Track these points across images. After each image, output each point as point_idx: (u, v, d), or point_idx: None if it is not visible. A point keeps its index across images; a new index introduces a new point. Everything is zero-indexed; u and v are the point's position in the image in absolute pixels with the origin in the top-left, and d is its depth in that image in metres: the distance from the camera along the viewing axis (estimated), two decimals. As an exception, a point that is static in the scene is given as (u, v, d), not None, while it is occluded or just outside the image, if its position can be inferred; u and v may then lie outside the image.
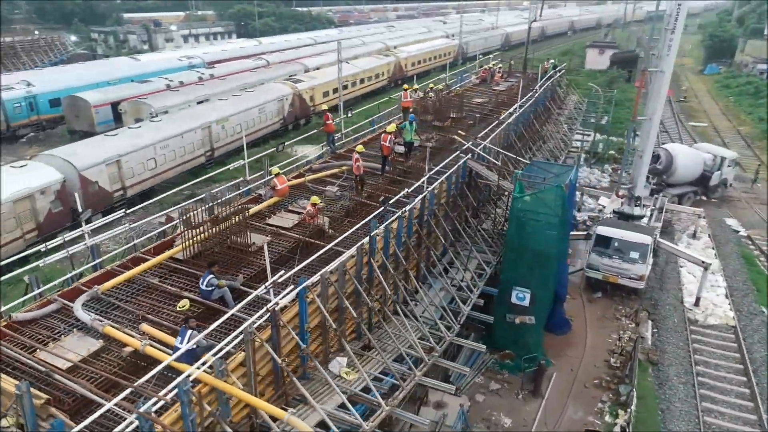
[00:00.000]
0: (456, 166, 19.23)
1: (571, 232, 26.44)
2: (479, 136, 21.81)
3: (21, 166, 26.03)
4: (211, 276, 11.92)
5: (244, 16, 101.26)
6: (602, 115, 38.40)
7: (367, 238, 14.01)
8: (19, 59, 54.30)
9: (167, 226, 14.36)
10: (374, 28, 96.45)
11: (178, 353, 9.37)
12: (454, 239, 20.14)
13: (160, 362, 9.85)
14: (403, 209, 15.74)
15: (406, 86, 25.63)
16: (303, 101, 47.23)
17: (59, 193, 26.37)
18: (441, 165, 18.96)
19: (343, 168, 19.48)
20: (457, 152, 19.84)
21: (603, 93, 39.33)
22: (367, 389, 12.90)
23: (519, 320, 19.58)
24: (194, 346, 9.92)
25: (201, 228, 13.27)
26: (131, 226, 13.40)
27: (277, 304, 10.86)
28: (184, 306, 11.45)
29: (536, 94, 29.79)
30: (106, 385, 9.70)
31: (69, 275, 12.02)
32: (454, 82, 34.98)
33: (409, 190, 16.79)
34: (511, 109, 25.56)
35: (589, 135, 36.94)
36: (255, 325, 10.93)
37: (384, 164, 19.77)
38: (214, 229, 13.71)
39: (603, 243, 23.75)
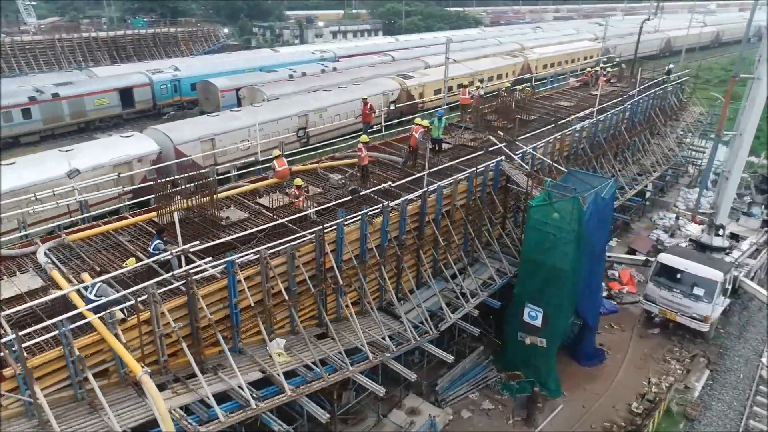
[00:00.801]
0: (475, 168, 18.15)
1: (626, 256, 23.62)
2: (518, 139, 20.24)
3: (127, 136, 29.95)
4: (159, 241, 12.82)
5: (393, 15, 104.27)
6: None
7: (327, 225, 13.95)
8: (178, 47, 62.42)
9: (161, 194, 15.64)
10: (518, 28, 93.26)
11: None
12: (472, 245, 19.06)
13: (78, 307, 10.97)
14: (386, 203, 15.32)
15: (465, 83, 24.64)
16: (411, 97, 47.50)
17: (154, 162, 29.81)
18: (457, 161, 18.01)
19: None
20: (480, 152, 18.67)
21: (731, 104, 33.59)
22: (295, 373, 13.03)
23: (530, 340, 18.03)
24: (100, 298, 10.81)
25: (176, 197, 14.31)
26: (125, 189, 14.88)
27: (188, 272, 11.38)
28: (129, 264, 12.53)
29: (628, 102, 26.66)
30: (32, 318, 11.02)
31: (56, 224, 13.76)
32: (543, 83, 32.63)
33: (393, 185, 16.24)
34: (580, 114, 23.28)
35: (703, 151, 32.04)
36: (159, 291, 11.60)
37: (407, 159, 19.35)
38: (193, 200, 14.68)
39: (665, 273, 20.71)
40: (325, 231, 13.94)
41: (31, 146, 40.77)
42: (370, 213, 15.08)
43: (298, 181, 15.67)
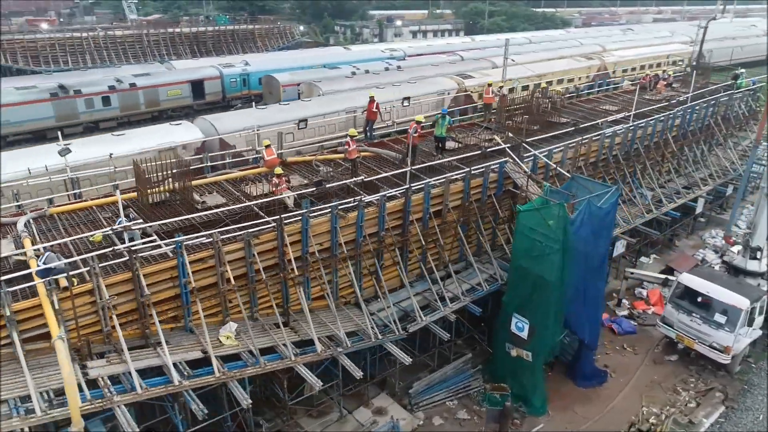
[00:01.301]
0: (469, 169, 17.49)
1: (646, 272, 21.74)
2: (531, 140, 19.23)
3: (176, 125, 31.82)
4: (123, 218, 13.51)
5: (477, 15, 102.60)
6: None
7: (287, 216, 14.06)
8: (254, 43, 65.38)
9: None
10: (607, 30, 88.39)
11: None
12: (465, 249, 18.40)
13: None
14: (359, 197, 15.16)
15: (490, 81, 23.77)
16: (469, 98, 46.53)
17: (198, 150, 31.34)
18: (455, 158, 17.45)
19: (364, 154, 19.33)
20: (477, 152, 17.95)
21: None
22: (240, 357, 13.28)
23: (516, 352, 17.17)
24: (50, 266, 11.59)
25: (157, 180, 15.04)
26: (116, 169, 15.85)
27: (130, 249, 11.91)
28: (96, 239, 13.38)
29: (677, 108, 24.45)
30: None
31: (48, 197, 14.92)
32: (590, 84, 30.70)
33: (368, 179, 15.99)
34: (610, 119, 21.71)
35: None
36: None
37: (405, 155, 18.99)
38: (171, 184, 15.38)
39: (687, 296, 18.88)
40: (287, 222, 14.07)
41: (108, 131, 44.45)
42: (341, 206, 15.02)
43: (278, 170, 15.89)
